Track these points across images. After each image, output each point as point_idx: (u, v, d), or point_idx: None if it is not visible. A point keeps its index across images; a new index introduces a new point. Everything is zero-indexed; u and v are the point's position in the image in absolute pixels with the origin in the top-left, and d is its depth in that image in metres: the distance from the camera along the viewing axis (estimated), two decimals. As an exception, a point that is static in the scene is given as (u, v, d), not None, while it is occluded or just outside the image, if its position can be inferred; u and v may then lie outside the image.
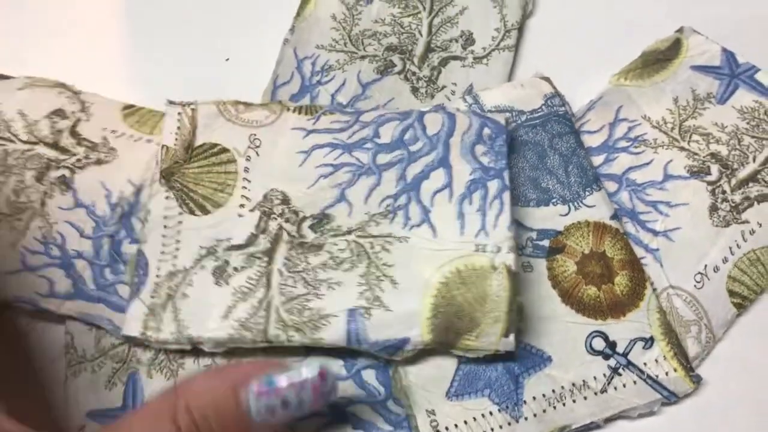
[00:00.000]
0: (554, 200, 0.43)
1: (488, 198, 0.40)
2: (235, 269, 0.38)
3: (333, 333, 0.37)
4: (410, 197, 0.40)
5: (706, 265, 0.42)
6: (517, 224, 0.42)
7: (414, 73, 0.48)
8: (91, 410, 0.37)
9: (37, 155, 0.42)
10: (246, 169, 0.41)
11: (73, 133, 0.43)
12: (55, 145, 0.42)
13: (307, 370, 0.32)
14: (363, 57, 0.48)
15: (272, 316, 0.37)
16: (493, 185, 0.40)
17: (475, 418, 0.37)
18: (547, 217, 0.42)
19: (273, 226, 0.40)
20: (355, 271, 0.38)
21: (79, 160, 0.42)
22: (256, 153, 0.41)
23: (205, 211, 0.40)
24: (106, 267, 0.40)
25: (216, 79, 0.48)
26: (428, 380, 0.38)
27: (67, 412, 0.37)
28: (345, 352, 0.38)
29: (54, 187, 0.41)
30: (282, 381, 0.31)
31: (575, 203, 0.43)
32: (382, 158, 0.41)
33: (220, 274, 0.38)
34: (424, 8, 0.50)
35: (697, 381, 0.39)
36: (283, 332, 0.37)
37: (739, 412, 0.40)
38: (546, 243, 0.42)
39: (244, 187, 0.41)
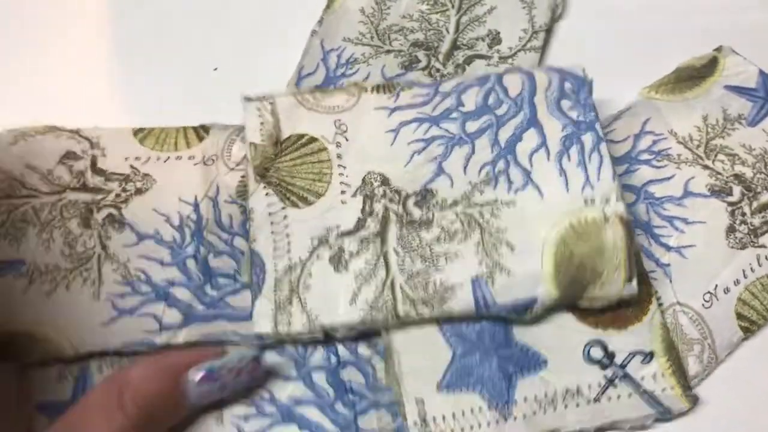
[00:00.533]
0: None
1: (586, 151, 0.40)
2: (351, 254, 0.39)
3: (461, 303, 0.38)
4: (508, 161, 0.41)
5: (716, 285, 0.41)
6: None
7: (438, 70, 0.48)
8: (42, 402, 0.37)
9: (71, 203, 0.41)
10: (339, 156, 0.42)
11: (96, 171, 0.42)
12: (84, 188, 0.41)
13: (242, 356, 0.35)
14: (388, 51, 0.49)
15: (398, 294, 0.38)
16: (588, 138, 0.41)
17: (463, 412, 0.38)
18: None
19: (378, 208, 0.40)
20: (469, 241, 0.39)
21: (118, 195, 0.41)
22: (345, 138, 0.42)
23: (308, 203, 0.41)
24: (204, 285, 0.40)
25: (238, 74, 0.49)
26: (420, 369, 0.39)
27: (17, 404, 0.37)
28: (296, 352, 0.39)
29: (107, 228, 0.40)
30: (221, 368, 0.34)
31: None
32: (471, 126, 0.42)
33: (338, 260, 0.39)
34: (453, 6, 0.50)
35: (693, 401, 0.39)
36: (412, 308, 0.38)
37: (733, 436, 0.39)
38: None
39: (341, 174, 0.41)
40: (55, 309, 0.39)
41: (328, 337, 0.39)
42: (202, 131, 0.45)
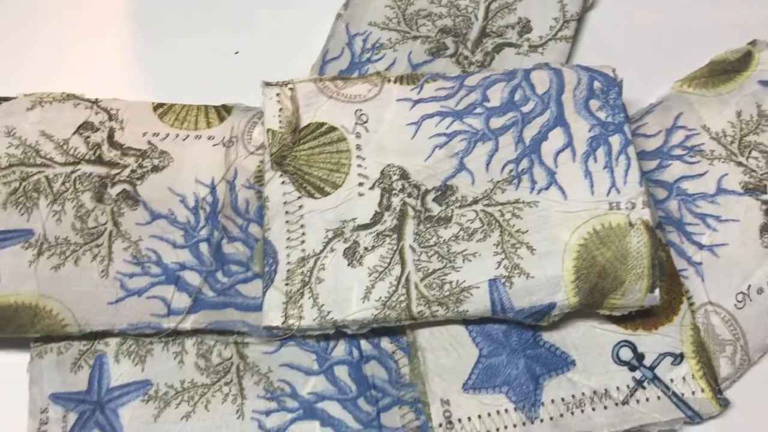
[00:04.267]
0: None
1: (613, 154, 0.39)
2: (366, 249, 0.38)
3: (477, 305, 0.37)
4: (532, 160, 0.39)
5: (750, 286, 0.40)
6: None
7: (466, 57, 0.46)
8: (55, 393, 0.37)
9: (85, 175, 0.39)
10: (358, 147, 0.40)
11: (113, 144, 0.41)
12: (99, 161, 0.40)
13: None
14: (415, 37, 0.47)
15: (413, 292, 0.37)
16: (616, 140, 0.39)
17: (489, 414, 0.37)
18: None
19: (396, 202, 0.39)
20: (488, 240, 0.38)
21: (134, 171, 0.40)
22: (365, 129, 0.40)
23: (324, 193, 0.39)
24: (216, 272, 0.39)
25: (260, 57, 0.48)
26: (446, 369, 0.38)
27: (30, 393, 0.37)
28: (318, 345, 0.38)
29: (120, 204, 0.39)
30: None
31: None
32: (496, 122, 0.40)
33: (352, 255, 0.38)
34: (483, -9, 0.48)
35: (724, 404, 0.38)
36: (427, 308, 0.37)
37: (765, 442, 0.38)
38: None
39: (359, 165, 0.40)
40: (62, 284, 0.37)
41: (339, 332, 0.38)
42: (223, 111, 0.43)
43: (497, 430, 0.37)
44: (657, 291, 0.37)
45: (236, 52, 0.49)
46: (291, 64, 0.46)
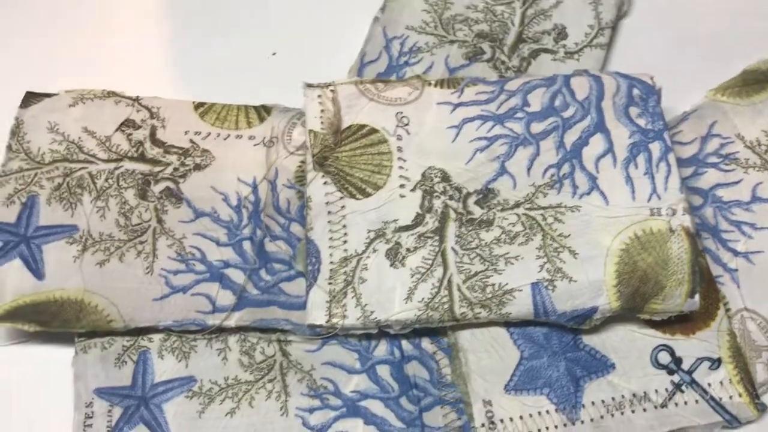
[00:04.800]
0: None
1: (653, 160, 0.39)
2: (408, 250, 0.38)
3: (520, 307, 0.37)
4: (573, 165, 0.40)
5: (786, 293, 0.41)
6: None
7: (503, 62, 0.47)
8: (99, 387, 0.37)
9: (128, 172, 0.40)
10: (399, 149, 0.41)
11: (155, 142, 0.41)
12: (142, 158, 0.41)
13: None
14: (452, 41, 0.48)
15: (455, 294, 0.37)
16: (656, 147, 0.40)
17: (531, 415, 0.37)
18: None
19: (437, 204, 0.39)
20: (530, 244, 0.38)
21: (176, 169, 0.41)
22: (406, 131, 0.41)
23: (366, 194, 0.40)
24: (260, 270, 0.39)
25: (296, 59, 0.48)
26: (488, 370, 0.38)
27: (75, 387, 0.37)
28: (360, 344, 0.39)
29: (163, 201, 0.40)
30: None
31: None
32: (536, 127, 0.41)
33: (395, 255, 0.38)
34: (519, -2, 0.49)
35: (762, 409, 0.38)
36: (470, 310, 0.37)
37: (802, 447, 0.38)
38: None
39: (401, 167, 0.40)
40: (107, 279, 0.38)
41: (381, 332, 0.38)
42: (263, 111, 0.44)
43: (539, 431, 0.37)
44: (697, 297, 0.37)
45: (273, 53, 0.49)
46: (328, 66, 0.47)
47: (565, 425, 0.37)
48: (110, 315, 0.37)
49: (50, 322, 0.37)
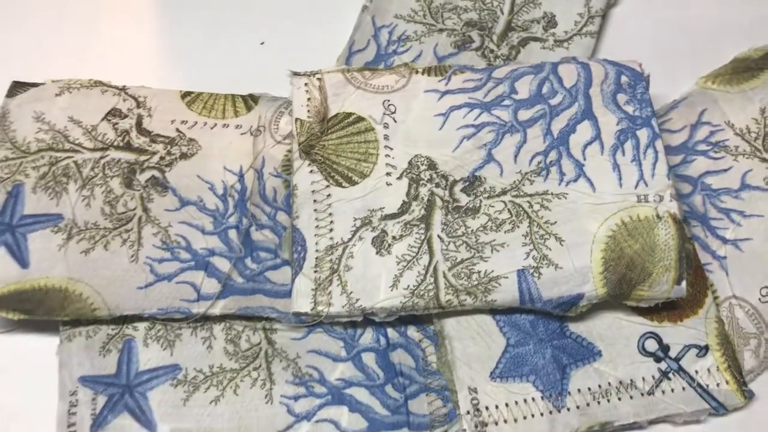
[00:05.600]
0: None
1: (641, 147, 0.39)
2: (394, 238, 0.38)
3: (505, 294, 0.37)
4: (560, 152, 0.40)
5: (774, 280, 0.40)
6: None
7: (492, 51, 0.47)
8: (84, 376, 0.37)
9: (114, 161, 0.40)
10: (386, 137, 0.40)
11: (142, 131, 0.41)
12: (128, 147, 0.40)
13: None
14: (441, 30, 0.47)
15: (441, 281, 0.37)
16: (643, 134, 0.40)
17: (516, 402, 0.37)
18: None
19: (424, 192, 0.39)
20: (517, 231, 0.38)
21: (162, 158, 0.40)
22: (393, 119, 0.41)
23: (352, 182, 0.39)
24: (245, 258, 0.39)
25: (285, 49, 0.48)
26: (474, 358, 0.38)
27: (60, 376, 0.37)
28: (345, 332, 0.39)
29: (149, 190, 0.39)
30: None
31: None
32: (524, 114, 0.41)
33: (381, 243, 0.38)
34: (508, -14, 0.49)
35: (749, 396, 0.38)
36: (455, 297, 0.37)
37: (790, 434, 0.38)
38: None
39: (387, 155, 0.40)
40: (92, 268, 0.37)
41: (367, 320, 0.38)
42: (251, 100, 0.43)
43: (524, 418, 0.37)
44: (684, 283, 0.37)
45: (262, 43, 0.49)
46: (317, 55, 0.47)
47: (550, 412, 0.37)
48: (95, 303, 0.37)
49: (35, 310, 0.37)
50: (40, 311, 0.37)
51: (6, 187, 0.39)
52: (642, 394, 0.38)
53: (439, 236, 0.38)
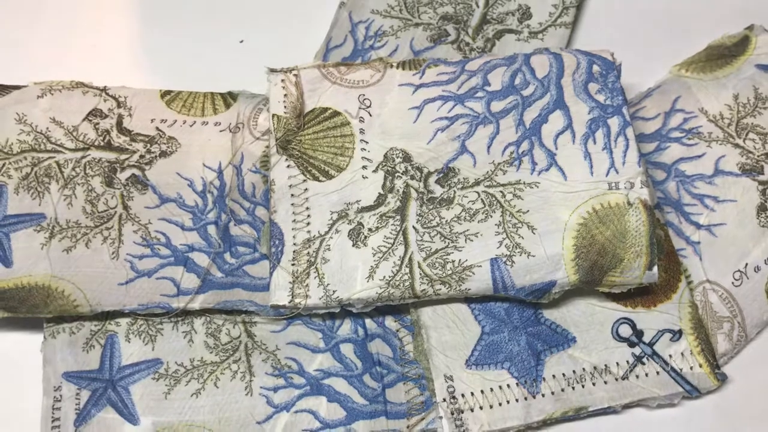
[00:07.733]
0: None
1: (612, 135, 0.40)
2: (370, 230, 0.39)
3: (479, 283, 0.38)
4: (533, 142, 0.40)
5: (747, 264, 0.41)
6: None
7: (467, 44, 0.47)
8: (68, 371, 0.38)
9: (95, 160, 0.41)
10: (362, 131, 0.41)
11: (122, 130, 0.42)
12: (108, 146, 0.41)
13: None
14: (417, 24, 0.48)
15: (416, 271, 0.38)
16: (614, 122, 0.40)
17: (492, 389, 0.38)
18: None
19: (399, 184, 0.40)
20: (490, 221, 0.39)
21: (142, 156, 0.41)
22: (368, 113, 0.41)
23: (329, 176, 0.40)
24: (224, 253, 0.40)
25: (264, 46, 0.48)
26: (449, 346, 0.39)
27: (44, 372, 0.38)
28: (324, 324, 0.39)
29: (129, 188, 0.40)
30: None
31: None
32: (496, 106, 0.41)
33: (357, 236, 0.39)
34: (483, -21, 0.49)
35: (722, 379, 0.38)
36: (430, 287, 0.38)
37: (761, 415, 0.39)
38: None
39: (363, 149, 0.41)
40: (74, 265, 0.38)
41: (345, 311, 0.39)
42: (229, 98, 0.44)
43: (500, 404, 0.38)
44: (655, 268, 0.38)
45: (241, 41, 0.50)
46: (294, 52, 0.47)
47: (525, 398, 0.38)
48: (77, 300, 0.38)
49: (18, 307, 0.38)
50: (24, 309, 0.38)
51: None
52: (616, 379, 0.38)
53: (414, 227, 0.39)
